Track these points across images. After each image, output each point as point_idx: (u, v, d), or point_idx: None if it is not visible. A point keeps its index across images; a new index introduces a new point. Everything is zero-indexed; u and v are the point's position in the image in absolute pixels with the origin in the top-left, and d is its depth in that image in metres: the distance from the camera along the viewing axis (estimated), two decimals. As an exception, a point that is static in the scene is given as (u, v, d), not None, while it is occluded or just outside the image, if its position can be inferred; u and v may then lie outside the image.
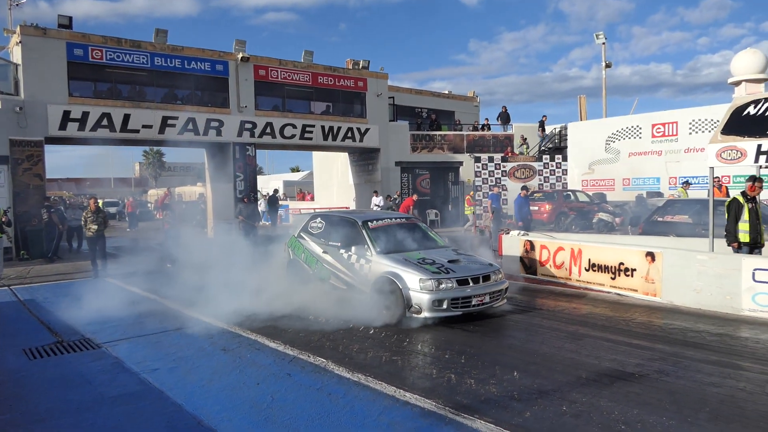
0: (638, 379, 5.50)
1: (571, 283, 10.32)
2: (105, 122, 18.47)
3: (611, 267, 9.64)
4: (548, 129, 28.82)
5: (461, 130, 29.19)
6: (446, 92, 34.30)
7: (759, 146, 8.30)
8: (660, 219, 13.30)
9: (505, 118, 29.60)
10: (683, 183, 18.18)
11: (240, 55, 21.34)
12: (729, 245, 8.72)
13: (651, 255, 9.02)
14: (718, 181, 16.69)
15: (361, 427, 4.52)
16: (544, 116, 29.18)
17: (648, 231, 13.10)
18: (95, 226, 12.24)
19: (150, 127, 19.36)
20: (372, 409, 4.86)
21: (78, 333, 7.63)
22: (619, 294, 9.46)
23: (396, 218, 9.63)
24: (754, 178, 8.65)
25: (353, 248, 8.51)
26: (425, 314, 7.39)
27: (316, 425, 4.57)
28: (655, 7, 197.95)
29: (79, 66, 18.25)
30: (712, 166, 9.02)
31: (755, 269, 7.72)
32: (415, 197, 19.54)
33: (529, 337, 7.16)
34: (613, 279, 9.60)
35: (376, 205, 21.79)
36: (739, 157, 8.48)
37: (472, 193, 21.16)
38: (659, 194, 20.23)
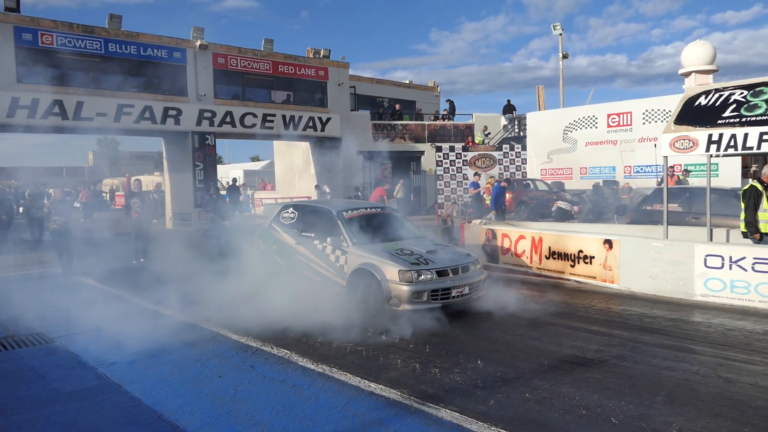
0: (598, 365, 5.64)
1: (532, 271, 10.50)
2: (56, 110, 17.74)
3: (571, 255, 9.85)
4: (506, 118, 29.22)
5: (422, 120, 29.29)
6: (407, 82, 34.34)
7: (710, 136, 8.56)
8: (649, 208, 12.98)
9: (451, 110, 30.02)
10: (684, 171, 18.30)
11: (198, 43, 20.82)
12: (750, 236, 8.22)
13: (609, 242, 9.25)
14: (673, 170, 17.22)
15: (327, 418, 4.50)
16: (508, 99, 29.76)
17: (637, 220, 12.60)
18: (63, 218, 11.25)
19: (105, 115, 18.69)
20: (337, 400, 4.85)
21: (29, 327, 7.35)
22: (578, 281, 9.68)
23: (371, 208, 9.47)
24: None
25: (328, 239, 8.24)
26: (405, 306, 7.21)
27: (280, 417, 4.52)
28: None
29: (28, 51, 17.43)
30: (666, 155, 9.28)
31: (707, 255, 8.00)
32: (387, 186, 19.44)
33: (491, 326, 7.24)
34: (572, 266, 9.81)
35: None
36: (691, 147, 8.74)
37: (491, 180, 20.06)
38: (615, 182, 20.75)
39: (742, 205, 8.27)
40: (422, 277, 7.29)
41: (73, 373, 5.64)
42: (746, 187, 8.31)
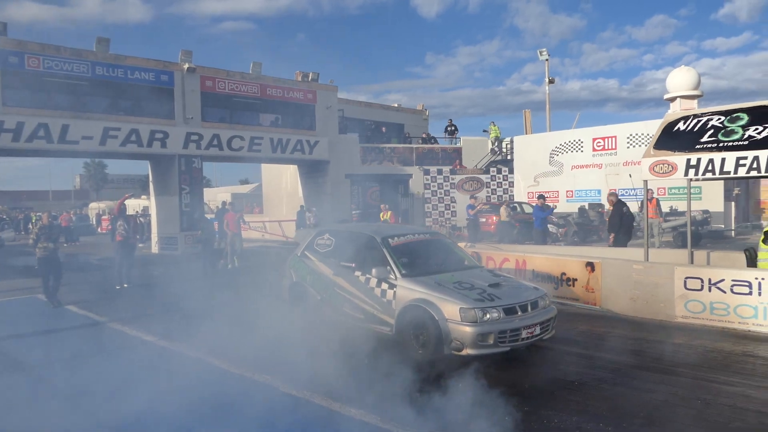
0: (578, 388, 5.64)
1: (516, 293, 10.49)
2: (42, 133, 17.67)
3: (554, 277, 9.89)
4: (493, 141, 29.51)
5: (411, 143, 29.51)
6: (395, 105, 34.66)
7: (688, 160, 8.70)
8: None
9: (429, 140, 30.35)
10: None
11: (186, 66, 20.94)
12: None
13: (591, 265, 9.30)
14: (651, 193, 17.35)
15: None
16: (450, 119, 30.23)
17: None
18: (50, 245, 10.59)
19: (90, 138, 18.66)
20: None
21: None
22: (561, 303, 9.68)
23: (419, 233, 8.44)
24: None
25: (374, 270, 7.17)
26: (468, 351, 6.20)
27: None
28: (605, 24, 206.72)
29: (13, 74, 17.45)
30: (645, 179, 9.41)
31: (686, 278, 8.06)
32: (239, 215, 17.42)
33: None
34: (556, 289, 9.83)
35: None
36: (670, 171, 8.87)
37: (473, 201, 19.20)
38: (600, 205, 20.91)
39: (764, 246, 7.97)
40: (488, 315, 6.25)
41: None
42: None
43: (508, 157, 28.04)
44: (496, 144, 28.83)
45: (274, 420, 4.98)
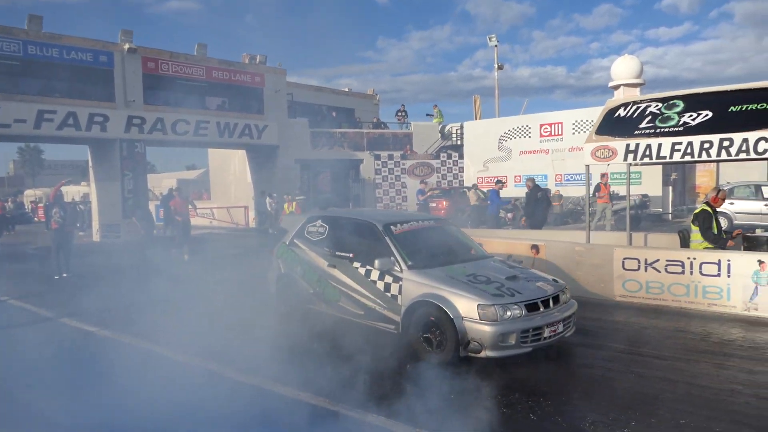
0: (520, 365, 5.79)
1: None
2: (-31, 115, 16.76)
3: (500, 260, 10.09)
4: (447, 127, 29.78)
5: (361, 128, 29.42)
6: (346, 89, 34.44)
7: (627, 145, 9.00)
8: None
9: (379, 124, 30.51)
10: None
11: (126, 46, 20.15)
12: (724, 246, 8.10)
13: (536, 247, 9.53)
14: (606, 178, 17.77)
15: None
16: (402, 105, 30.61)
17: None
18: None
19: (24, 121, 17.77)
20: None
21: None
22: (507, 285, 9.90)
23: (423, 220, 7.64)
24: (717, 190, 8.43)
25: (376, 262, 6.45)
26: (487, 353, 5.58)
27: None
28: (554, 12, 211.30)
29: (-64, 53, 16.43)
30: (587, 164, 9.68)
31: (624, 258, 8.38)
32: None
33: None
34: (501, 271, 10.03)
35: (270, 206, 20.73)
36: (611, 156, 9.16)
37: (423, 186, 19.80)
38: (547, 190, 21.43)
39: (694, 227, 8.19)
40: (509, 313, 5.62)
41: None
42: (698, 211, 8.24)
43: (458, 143, 28.34)
44: (440, 128, 29.09)
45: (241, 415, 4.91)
